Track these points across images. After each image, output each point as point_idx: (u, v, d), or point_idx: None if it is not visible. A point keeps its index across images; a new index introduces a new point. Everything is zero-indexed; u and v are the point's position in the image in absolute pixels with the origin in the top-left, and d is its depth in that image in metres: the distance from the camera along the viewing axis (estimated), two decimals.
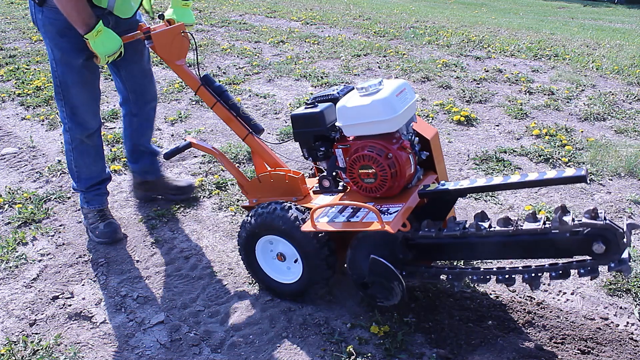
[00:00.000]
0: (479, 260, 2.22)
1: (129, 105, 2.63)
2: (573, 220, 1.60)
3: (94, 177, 2.53)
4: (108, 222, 2.54)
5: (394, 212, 1.78)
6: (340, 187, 2.06)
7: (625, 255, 1.59)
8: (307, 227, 1.83)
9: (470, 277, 1.83)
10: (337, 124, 1.92)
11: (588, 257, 1.65)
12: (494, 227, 1.73)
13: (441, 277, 1.85)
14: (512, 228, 1.68)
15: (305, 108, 2.01)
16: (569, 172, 1.65)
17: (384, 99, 1.78)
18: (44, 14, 2.12)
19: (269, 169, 2.26)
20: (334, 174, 2.04)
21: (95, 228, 2.53)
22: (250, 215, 2.03)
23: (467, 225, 1.80)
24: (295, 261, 2.01)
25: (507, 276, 1.77)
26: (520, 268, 1.75)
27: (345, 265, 1.94)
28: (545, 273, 1.72)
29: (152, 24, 2.41)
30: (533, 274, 1.72)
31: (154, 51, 2.29)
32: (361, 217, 1.80)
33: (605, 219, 1.58)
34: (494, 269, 1.79)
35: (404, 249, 1.85)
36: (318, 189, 2.10)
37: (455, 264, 1.93)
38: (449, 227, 1.80)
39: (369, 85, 1.83)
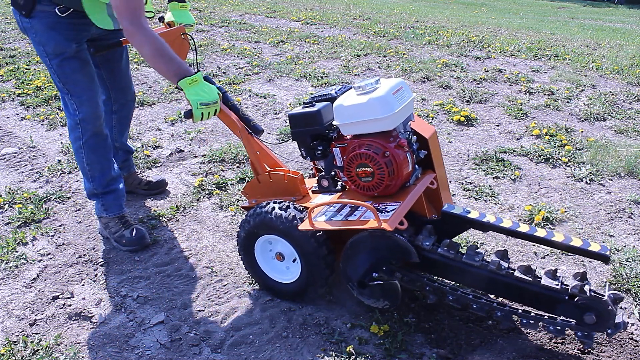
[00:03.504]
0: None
1: (109, 103, 2.63)
2: (591, 291, 1.65)
3: (107, 173, 2.46)
4: (133, 228, 2.49)
5: (391, 211, 1.78)
6: (339, 187, 2.06)
7: (594, 333, 1.67)
8: (305, 226, 1.83)
9: (447, 296, 1.84)
10: (334, 122, 1.93)
11: (563, 318, 1.71)
12: (514, 272, 1.75)
13: (418, 284, 1.85)
14: (531, 279, 1.71)
15: (303, 107, 2.02)
16: (594, 247, 1.71)
17: (380, 97, 1.78)
18: (33, 18, 2.13)
19: (269, 169, 2.26)
20: (332, 173, 2.04)
21: (121, 237, 2.48)
22: (248, 215, 2.03)
23: (486, 258, 1.81)
24: (294, 260, 2.01)
25: (481, 307, 1.80)
26: (495, 304, 1.78)
27: (342, 259, 1.92)
28: (517, 317, 1.77)
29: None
30: (506, 315, 1.77)
31: None
32: (359, 216, 1.80)
33: (615, 302, 1.66)
34: (471, 296, 1.81)
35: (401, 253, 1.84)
36: (317, 188, 2.10)
37: (435, 278, 1.94)
38: (468, 255, 1.80)
39: (365, 84, 1.84)
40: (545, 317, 1.74)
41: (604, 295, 1.63)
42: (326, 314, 2.04)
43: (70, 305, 2.14)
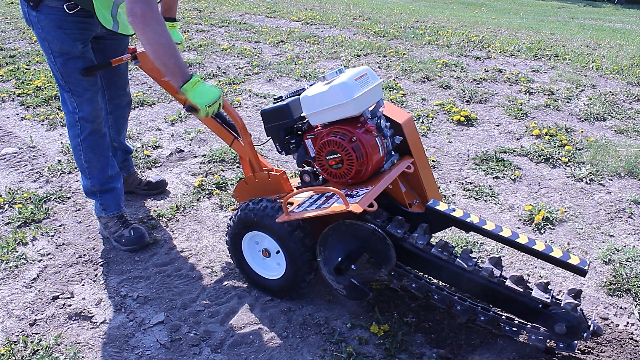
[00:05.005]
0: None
1: (104, 103, 2.60)
2: (578, 304, 1.70)
3: (105, 171, 2.45)
4: (133, 228, 2.48)
5: (362, 195, 1.79)
6: (320, 180, 2.08)
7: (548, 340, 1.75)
8: (282, 218, 1.87)
9: (409, 283, 1.87)
10: (302, 113, 1.98)
11: (524, 321, 1.79)
12: (507, 281, 1.77)
13: (382, 269, 1.86)
14: (522, 290, 1.74)
15: (274, 103, 2.07)
16: (574, 260, 1.73)
17: (341, 83, 1.82)
18: (40, 11, 2.12)
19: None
20: (303, 165, 2.08)
21: (121, 236, 2.47)
22: (230, 218, 2.09)
23: (479, 263, 1.84)
24: (277, 252, 2.03)
25: (442, 299, 1.84)
26: (457, 297, 1.82)
27: (330, 229, 1.92)
28: (477, 314, 1.82)
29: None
30: (465, 310, 1.82)
31: (143, 70, 2.38)
32: (332, 203, 1.82)
33: (593, 322, 1.73)
34: (434, 287, 1.85)
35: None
36: (300, 184, 2.13)
37: (401, 265, 1.97)
38: (462, 257, 1.82)
39: (330, 74, 1.90)
40: (503, 316, 1.79)
41: (589, 322, 1.70)
42: (326, 314, 2.04)
43: (70, 305, 2.14)
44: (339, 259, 1.85)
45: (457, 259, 1.83)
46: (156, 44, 1.86)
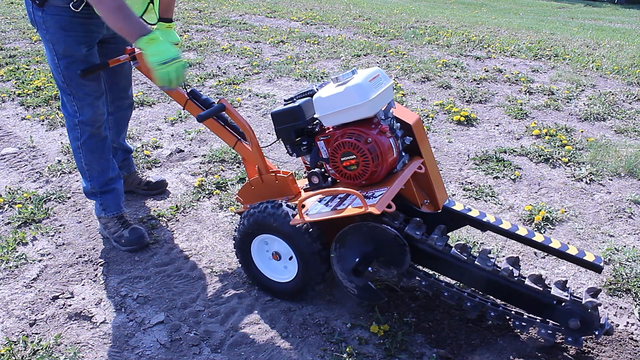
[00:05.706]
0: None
1: (106, 106, 2.60)
2: (600, 304, 1.73)
3: (106, 174, 2.45)
4: (132, 228, 2.48)
5: (378, 196, 1.79)
6: (329, 182, 2.07)
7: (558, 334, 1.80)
8: (295, 220, 1.85)
9: (419, 280, 1.88)
10: (315, 115, 1.96)
11: (533, 315, 1.83)
12: (525, 280, 1.79)
13: (392, 270, 1.87)
14: (541, 288, 1.76)
15: (284, 104, 2.05)
16: (589, 257, 1.78)
17: (356, 84, 1.81)
18: (45, 12, 2.11)
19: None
20: (317, 167, 2.07)
21: (120, 237, 2.47)
22: (242, 216, 2.06)
23: (498, 264, 1.85)
24: (290, 259, 2.02)
25: (451, 295, 1.86)
26: (466, 294, 1.84)
27: (349, 230, 1.91)
28: (486, 310, 1.86)
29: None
30: (475, 306, 1.85)
31: (141, 71, 2.36)
32: (347, 205, 1.81)
33: (606, 321, 1.75)
34: (443, 284, 1.86)
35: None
36: (308, 186, 2.12)
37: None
38: (480, 258, 1.82)
39: (342, 75, 1.88)
40: (512, 311, 1.82)
41: (603, 321, 1.73)
42: (326, 314, 2.04)
43: (70, 305, 2.14)
44: (356, 259, 1.85)
45: (476, 260, 1.83)
46: (107, 7, 1.87)
